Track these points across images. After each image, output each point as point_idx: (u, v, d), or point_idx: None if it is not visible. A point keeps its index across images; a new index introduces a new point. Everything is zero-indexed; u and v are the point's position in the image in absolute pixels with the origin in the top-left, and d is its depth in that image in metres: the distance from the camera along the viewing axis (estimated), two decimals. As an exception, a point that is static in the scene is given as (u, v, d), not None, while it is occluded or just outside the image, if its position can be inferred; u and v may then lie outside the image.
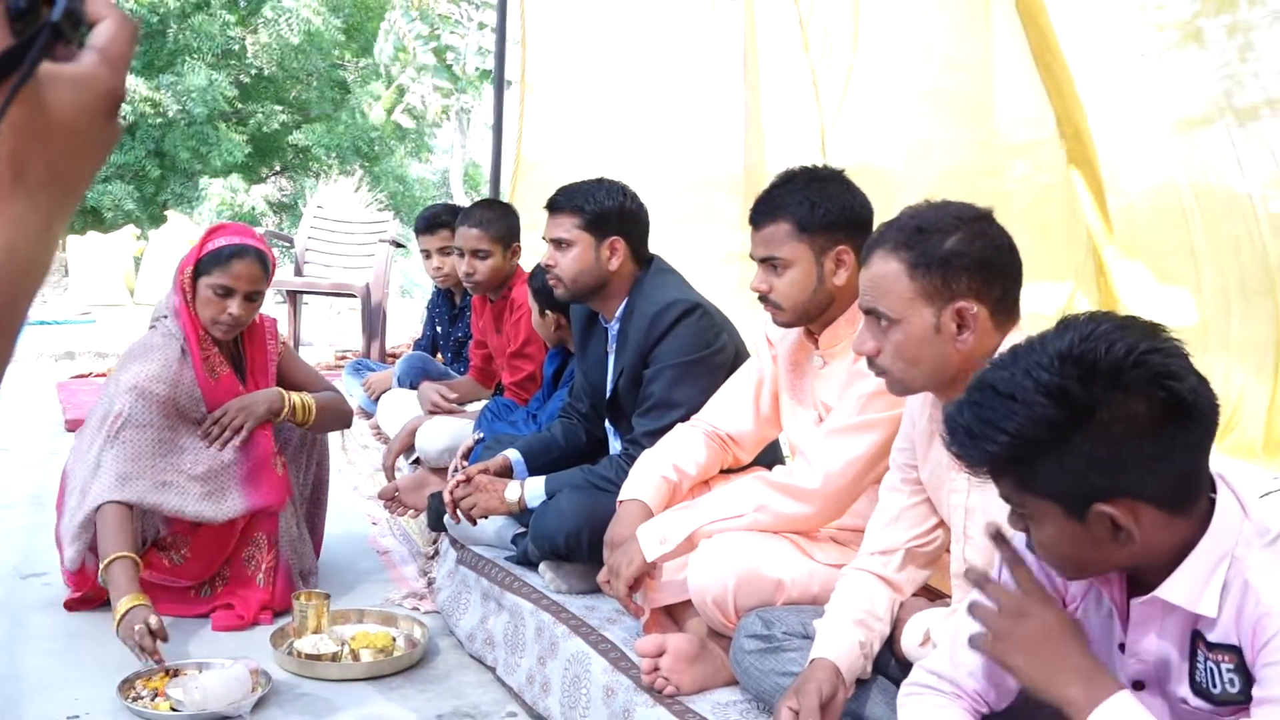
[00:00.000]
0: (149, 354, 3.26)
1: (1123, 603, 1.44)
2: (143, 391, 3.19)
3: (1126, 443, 1.31)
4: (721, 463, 2.68)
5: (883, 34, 3.92)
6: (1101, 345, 1.31)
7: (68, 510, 3.19)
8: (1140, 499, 1.32)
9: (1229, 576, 1.34)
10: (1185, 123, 2.99)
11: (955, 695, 1.59)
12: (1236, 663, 1.33)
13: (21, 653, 3.07)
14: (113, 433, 3.14)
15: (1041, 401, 1.32)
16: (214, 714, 2.66)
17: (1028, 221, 3.36)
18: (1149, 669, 1.44)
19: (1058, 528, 1.37)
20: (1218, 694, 1.36)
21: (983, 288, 1.86)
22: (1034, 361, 1.34)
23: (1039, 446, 1.33)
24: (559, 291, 3.05)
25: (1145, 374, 1.30)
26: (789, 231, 2.37)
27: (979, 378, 1.41)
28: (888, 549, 2.07)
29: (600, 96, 5.77)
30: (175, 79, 16.68)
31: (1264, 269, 2.88)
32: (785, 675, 2.05)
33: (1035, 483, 1.36)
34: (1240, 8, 2.79)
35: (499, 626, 2.96)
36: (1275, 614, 1.28)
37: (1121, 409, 1.30)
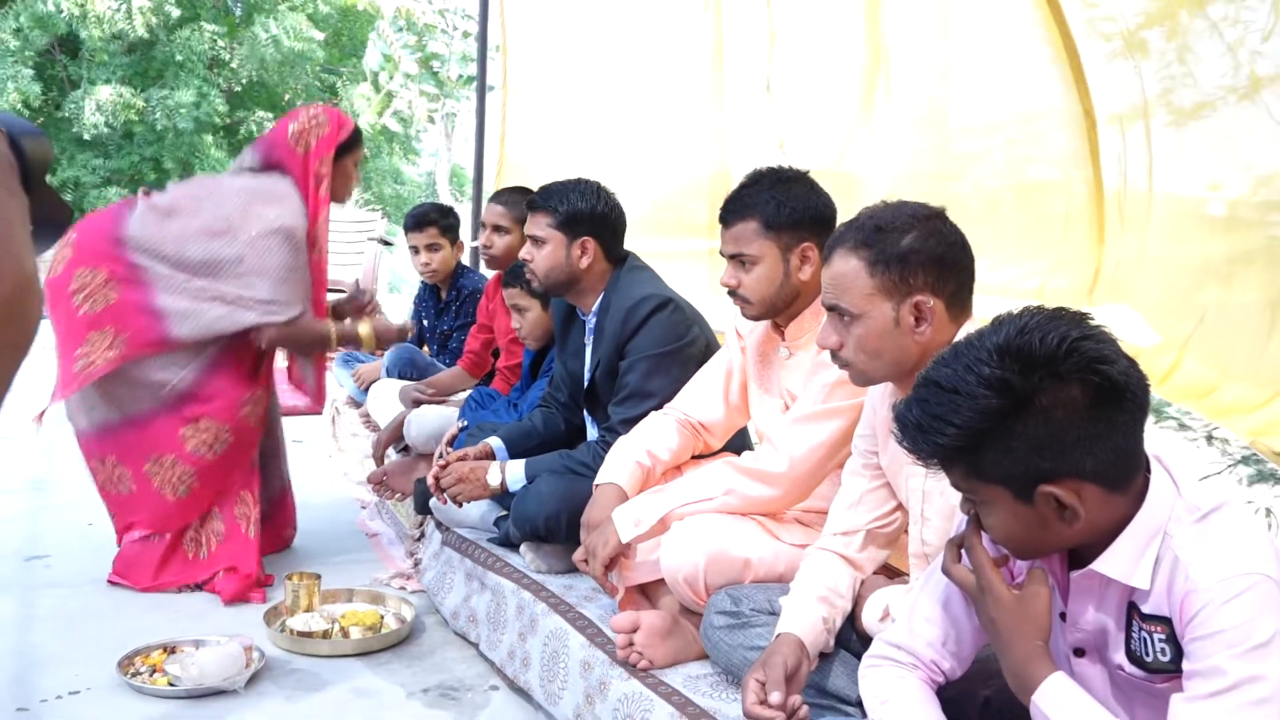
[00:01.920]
0: (288, 202, 3.45)
1: (1063, 576, 1.45)
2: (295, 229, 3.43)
3: (1066, 426, 1.32)
4: (693, 449, 2.68)
5: (847, 45, 3.91)
6: (1036, 336, 1.33)
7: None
8: (1082, 478, 1.33)
9: (1161, 551, 1.35)
10: (1118, 117, 3.01)
11: (913, 666, 1.59)
12: (1168, 634, 1.34)
13: (26, 632, 3.04)
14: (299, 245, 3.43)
15: (984, 393, 1.33)
16: (209, 689, 2.65)
17: (982, 223, 3.38)
18: (1088, 637, 1.45)
19: (1008, 511, 1.38)
20: (1150, 662, 1.37)
21: (938, 282, 1.86)
22: (974, 357, 1.35)
23: (984, 436, 1.34)
24: (534, 285, 3.07)
25: (1079, 361, 1.31)
26: (756, 229, 2.37)
27: (923, 376, 1.42)
28: (849, 530, 2.07)
29: (579, 100, 5.75)
30: (166, 93, 16.54)
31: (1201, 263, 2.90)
32: (753, 649, 2.06)
33: (983, 470, 1.37)
34: (1180, 17, 2.80)
35: (482, 605, 2.95)
36: (1200, 590, 1.29)
37: (1059, 395, 1.31)
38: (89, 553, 3.69)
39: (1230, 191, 2.85)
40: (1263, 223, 2.78)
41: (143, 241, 3.31)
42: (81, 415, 3.43)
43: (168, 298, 3.31)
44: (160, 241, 3.32)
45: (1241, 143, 2.77)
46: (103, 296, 3.28)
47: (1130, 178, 3.07)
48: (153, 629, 2.99)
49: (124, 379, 3.32)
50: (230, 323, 3.34)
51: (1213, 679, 1.26)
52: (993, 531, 1.43)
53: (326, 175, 3.52)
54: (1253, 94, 2.73)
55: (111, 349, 3.28)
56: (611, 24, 5.40)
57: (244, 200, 3.39)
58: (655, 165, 5.08)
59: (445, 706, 2.69)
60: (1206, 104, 2.86)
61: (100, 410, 3.39)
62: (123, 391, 3.35)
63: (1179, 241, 2.99)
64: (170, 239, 3.32)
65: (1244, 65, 2.71)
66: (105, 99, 16.06)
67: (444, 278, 4.90)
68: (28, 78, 15.79)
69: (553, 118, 6.05)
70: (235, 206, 3.37)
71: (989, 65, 3.40)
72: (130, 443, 3.37)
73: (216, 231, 3.34)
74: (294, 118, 3.61)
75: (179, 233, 3.33)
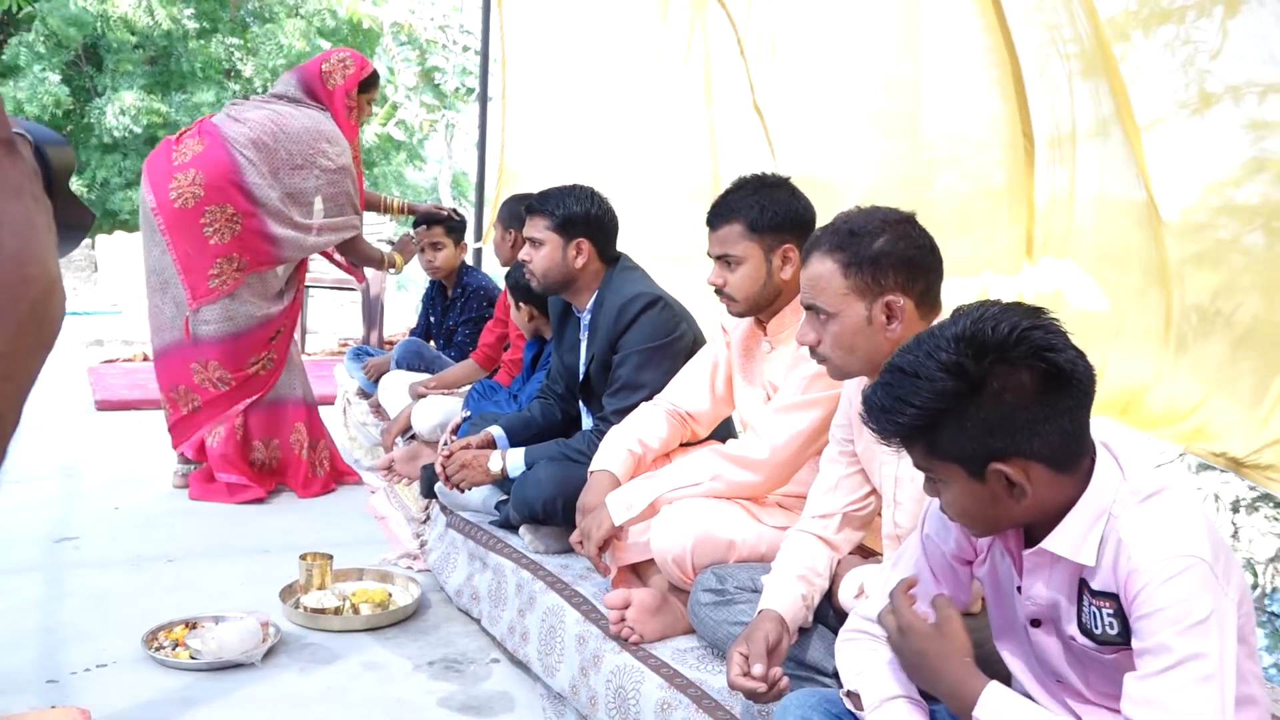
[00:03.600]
0: (340, 141, 4.10)
1: (1018, 553, 1.47)
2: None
3: (1015, 408, 1.33)
4: (681, 437, 2.68)
5: (827, 57, 3.91)
6: (989, 325, 1.34)
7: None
8: (1030, 458, 1.34)
9: (1106, 532, 1.36)
10: (1088, 134, 3.02)
11: (885, 639, 1.60)
12: (1115, 609, 1.35)
13: (55, 609, 3.04)
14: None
15: (940, 376, 1.34)
16: (228, 662, 2.65)
17: (954, 227, 3.39)
18: (1043, 610, 1.46)
19: (962, 488, 1.39)
20: (1099, 634, 1.38)
21: (908, 283, 1.87)
22: (934, 344, 1.37)
23: (941, 416, 1.35)
24: (533, 284, 3.06)
25: (1027, 348, 1.33)
26: (741, 232, 2.37)
27: (889, 362, 1.43)
28: (827, 513, 2.08)
29: (574, 111, 5.74)
30: (185, 96, 16.49)
31: (1159, 265, 2.91)
32: (736, 624, 2.07)
33: (940, 449, 1.38)
34: (1134, 38, 2.81)
35: (484, 583, 2.96)
36: (1142, 570, 1.30)
37: (1009, 379, 1.33)
38: (116, 535, 3.70)
39: (1184, 199, 2.86)
40: (1212, 225, 2.80)
41: (255, 181, 3.90)
42: (202, 325, 3.99)
43: (278, 228, 3.96)
44: (264, 182, 3.91)
45: (1193, 154, 2.78)
46: (229, 229, 3.91)
47: (1087, 186, 3.08)
48: (175, 606, 3.00)
49: (239, 300, 3.99)
50: (319, 245, 4.12)
51: (1160, 656, 1.26)
52: (949, 508, 1.44)
53: (354, 107, 4.16)
54: (1203, 109, 2.74)
55: (239, 270, 3.96)
56: (605, 39, 5.39)
57: (310, 138, 4.01)
58: (647, 168, 5.08)
59: (449, 678, 2.69)
60: (1160, 119, 2.87)
61: (214, 325, 3.99)
62: (236, 309, 4.00)
63: (1132, 244, 3.00)
64: (269, 176, 3.92)
65: (1194, 83, 2.72)
66: (129, 104, 16.02)
67: (448, 275, 4.89)
68: (55, 82, 15.75)
69: (549, 127, 6.04)
70: (306, 144, 4.00)
71: (955, 82, 3.41)
72: (232, 349, 4.03)
73: (296, 166, 3.98)
74: (325, 59, 4.22)
75: (271, 168, 3.94)
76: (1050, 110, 3.12)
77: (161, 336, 4.08)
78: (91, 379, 6.74)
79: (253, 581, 3.25)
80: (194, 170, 3.90)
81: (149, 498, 4.14)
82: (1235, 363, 2.62)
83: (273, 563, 3.40)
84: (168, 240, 3.95)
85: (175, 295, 3.99)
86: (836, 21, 3.81)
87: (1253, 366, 2.58)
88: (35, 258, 0.58)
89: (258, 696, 2.54)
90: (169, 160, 3.96)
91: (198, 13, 16.95)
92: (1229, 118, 2.69)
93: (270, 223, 3.94)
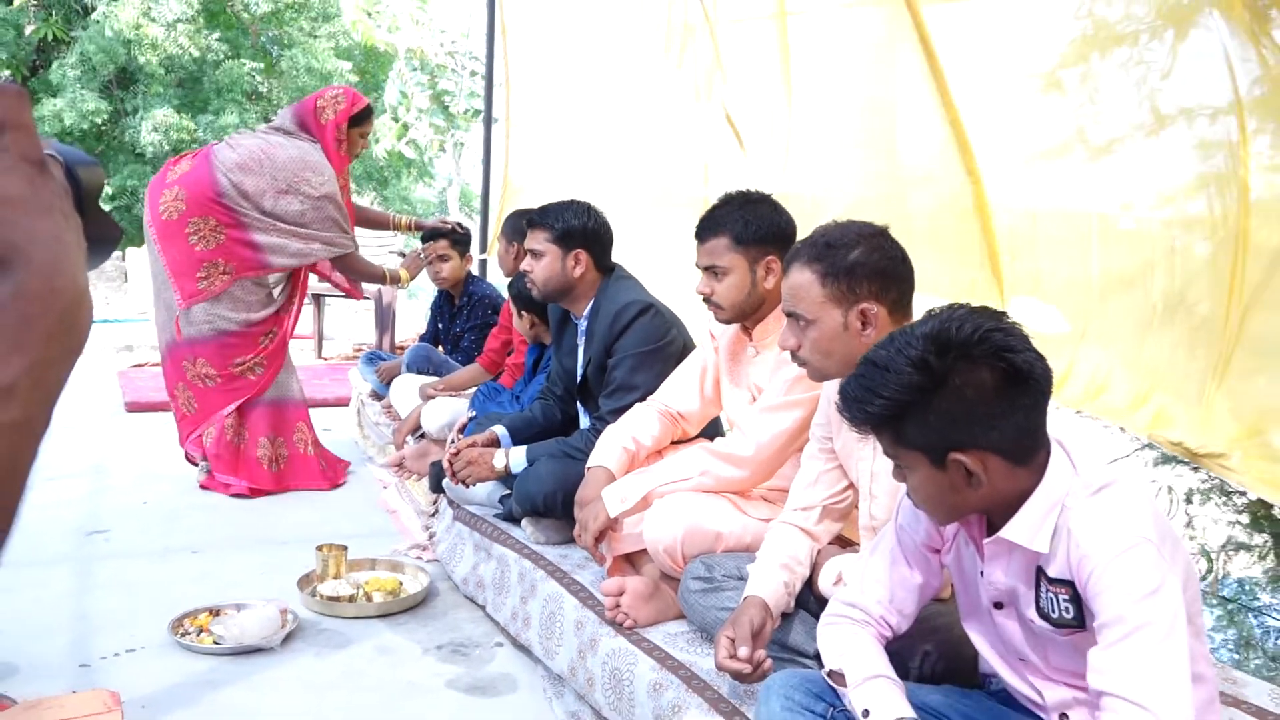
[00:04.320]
0: (325, 171, 4.08)
1: (980, 541, 1.48)
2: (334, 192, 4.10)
3: (975, 403, 1.34)
4: (672, 435, 2.68)
5: (812, 82, 3.92)
6: (954, 325, 1.36)
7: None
8: (988, 450, 1.36)
9: (1059, 523, 1.37)
10: (1047, 154, 3.02)
11: (865, 622, 1.60)
12: (1071, 594, 1.36)
13: (87, 598, 3.04)
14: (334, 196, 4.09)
15: (907, 370, 1.36)
16: (250, 647, 2.65)
17: (927, 242, 3.39)
18: (1003, 594, 1.47)
19: (925, 475, 1.40)
20: (1055, 618, 1.39)
21: (881, 291, 1.87)
22: (904, 342, 1.39)
23: (907, 408, 1.37)
24: (534, 293, 3.06)
25: (988, 348, 1.34)
26: (727, 244, 2.37)
27: (864, 357, 1.45)
28: (808, 506, 2.08)
29: (572, 130, 5.75)
30: (212, 117, 16.50)
31: (1119, 275, 2.92)
32: (723, 610, 2.07)
33: (906, 438, 1.39)
34: (1092, 60, 2.82)
35: (488, 572, 2.96)
36: (1091, 556, 1.31)
37: (970, 376, 1.34)
38: (144, 528, 3.69)
39: (1139, 210, 2.88)
40: (1165, 235, 2.81)
41: (234, 194, 3.94)
42: (190, 326, 4.03)
43: (262, 236, 4.00)
44: (245, 194, 3.95)
45: (1148, 168, 2.79)
46: (214, 237, 3.97)
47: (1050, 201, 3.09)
48: (200, 594, 2.99)
49: (226, 302, 4.02)
50: (307, 253, 4.09)
51: (1116, 627, 1.28)
52: (914, 493, 1.46)
53: (344, 140, 4.14)
54: (1156, 128, 2.75)
55: (226, 274, 4.00)
56: (601, 63, 5.40)
57: (296, 167, 4.01)
58: (640, 185, 5.09)
59: (456, 661, 2.69)
60: (1118, 139, 2.89)
61: (201, 325, 4.02)
62: (222, 311, 4.03)
63: (1089, 253, 3.01)
64: (252, 192, 3.95)
65: (1146, 101, 2.73)
66: (160, 120, 16.05)
67: (455, 285, 4.89)
68: (93, 100, 15.76)
69: (549, 146, 6.04)
70: (291, 171, 4.00)
71: (925, 104, 3.41)
72: (217, 348, 4.05)
73: (281, 190, 3.99)
74: (321, 95, 4.22)
75: (255, 187, 3.96)
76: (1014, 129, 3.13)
77: (160, 337, 4.19)
78: (121, 382, 6.73)
79: (272, 571, 3.25)
80: (178, 188, 4.00)
81: (175, 493, 4.13)
82: (1189, 360, 2.63)
83: (291, 554, 3.40)
84: (159, 248, 4.05)
85: (167, 298, 4.08)
86: (819, 44, 3.81)
87: (1200, 368, 2.59)
88: (63, 271, 0.58)
89: (277, 679, 2.54)
90: (163, 179, 4.09)
91: (224, 38, 16.95)
92: (1181, 137, 2.70)
93: (253, 232, 3.99)
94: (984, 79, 3.14)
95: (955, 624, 1.64)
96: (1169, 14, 2.65)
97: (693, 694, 1.94)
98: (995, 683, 1.60)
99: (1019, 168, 3.15)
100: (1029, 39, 3.04)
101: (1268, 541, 3.77)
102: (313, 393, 6.32)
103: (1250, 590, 4.06)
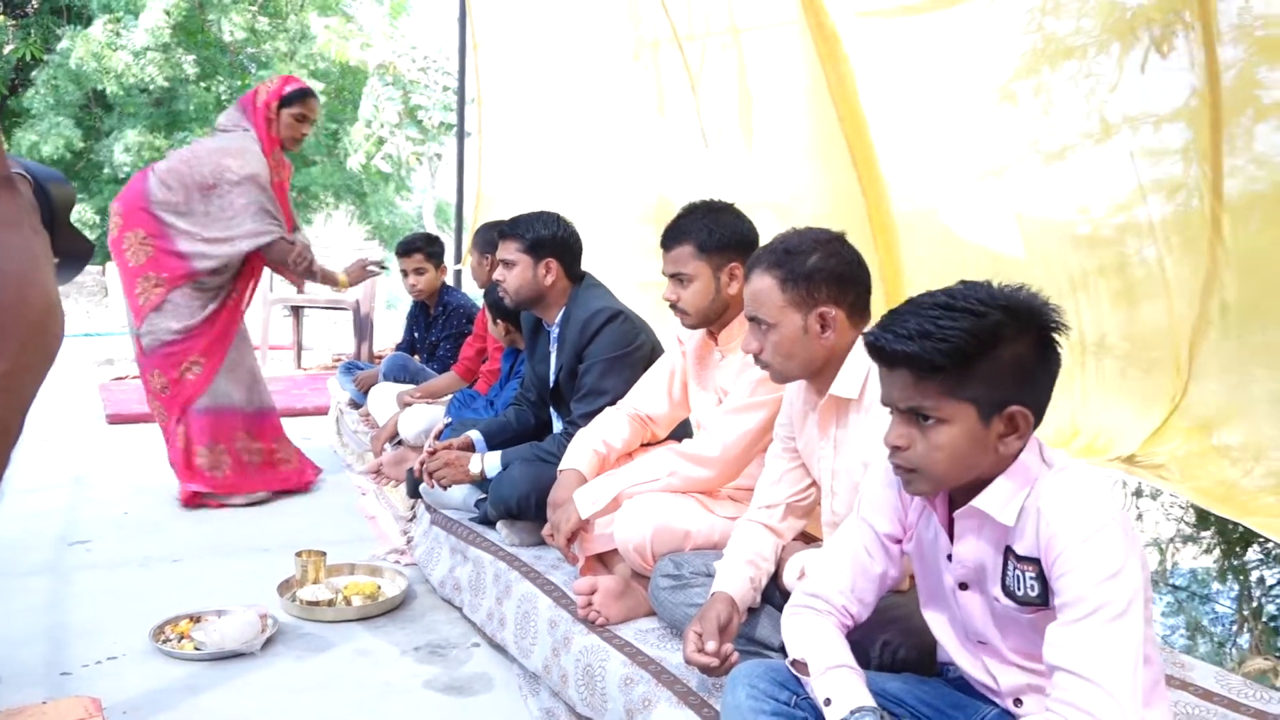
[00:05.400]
0: (247, 154, 3.92)
1: (946, 519, 1.50)
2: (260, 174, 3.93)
3: (1035, 363, 1.37)
4: (642, 438, 2.70)
5: (771, 95, 3.94)
6: (1023, 293, 1.39)
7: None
8: (1032, 410, 1.38)
9: (1027, 501, 1.39)
10: (1003, 166, 3.06)
11: (828, 612, 1.62)
12: (1037, 572, 1.39)
13: (67, 607, 3.01)
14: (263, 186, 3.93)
15: (993, 312, 1.35)
16: (230, 652, 2.64)
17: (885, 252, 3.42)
18: (970, 572, 1.49)
19: (964, 430, 1.38)
20: (1021, 595, 1.41)
21: (839, 295, 1.90)
22: (977, 295, 1.38)
23: (983, 348, 1.35)
24: (507, 301, 3.07)
25: (1046, 320, 1.38)
26: (692, 252, 2.39)
27: (921, 300, 1.40)
28: (772, 504, 2.10)
29: (542, 143, 5.76)
30: (185, 135, 16.38)
31: (1069, 278, 2.95)
32: (692, 606, 2.08)
33: (963, 385, 1.36)
34: (1043, 73, 2.86)
35: (465, 574, 2.95)
36: (1060, 535, 1.33)
37: (1032, 339, 1.37)
38: (125, 538, 3.66)
39: (1094, 215, 2.92)
40: (1119, 240, 2.85)
41: (161, 205, 3.89)
42: (144, 339, 3.97)
43: (186, 244, 3.91)
44: (173, 203, 3.89)
45: (1099, 176, 2.83)
46: (144, 250, 3.91)
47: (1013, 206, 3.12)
48: (180, 602, 2.97)
49: (168, 311, 3.93)
50: (233, 253, 3.94)
51: (1077, 606, 1.30)
52: (937, 451, 1.40)
53: (273, 120, 3.97)
54: (1105, 137, 2.80)
55: (159, 286, 3.92)
56: (569, 78, 5.42)
57: (216, 157, 3.91)
58: (607, 195, 5.10)
59: (434, 662, 2.69)
60: (1070, 147, 2.93)
61: (152, 335, 3.95)
62: (164, 322, 3.93)
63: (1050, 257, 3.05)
64: (179, 200, 3.89)
65: (1095, 112, 2.77)
66: (132, 141, 15.88)
67: (430, 295, 4.90)
68: (69, 125, 15.59)
69: (520, 158, 6.06)
70: (211, 163, 3.90)
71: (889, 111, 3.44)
72: (164, 356, 3.96)
73: (208, 186, 3.90)
74: (262, 84, 4.11)
75: (187, 194, 3.89)
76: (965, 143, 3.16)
77: (133, 355, 4.15)
78: (102, 395, 6.66)
79: (252, 578, 3.23)
80: (118, 204, 3.99)
81: (156, 504, 4.09)
82: (1135, 365, 2.67)
83: (271, 560, 3.38)
84: (117, 267, 4.06)
85: (128, 317, 4.06)
86: (769, 60, 3.84)
87: (1145, 370, 2.63)
88: (34, 282, 0.59)
89: (258, 683, 2.52)
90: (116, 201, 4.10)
91: (199, 59, 16.82)
92: (1127, 145, 2.74)
93: (178, 240, 3.90)
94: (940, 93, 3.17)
95: (914, 614, 1.66)
96: (1114, 28, 2.69)
97: (662, 688, 1.94)
98: (952, 670, 1.62)
99: (971, 181, 3.18)
100: (983, 53, 3.08)
101: (1215, 535, 3.84)
102: (292, 402, 6.31)
103: (1203, 580, 4.12)
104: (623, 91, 4.90)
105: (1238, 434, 2.58)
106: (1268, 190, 2.43)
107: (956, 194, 3.24)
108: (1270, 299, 2.46)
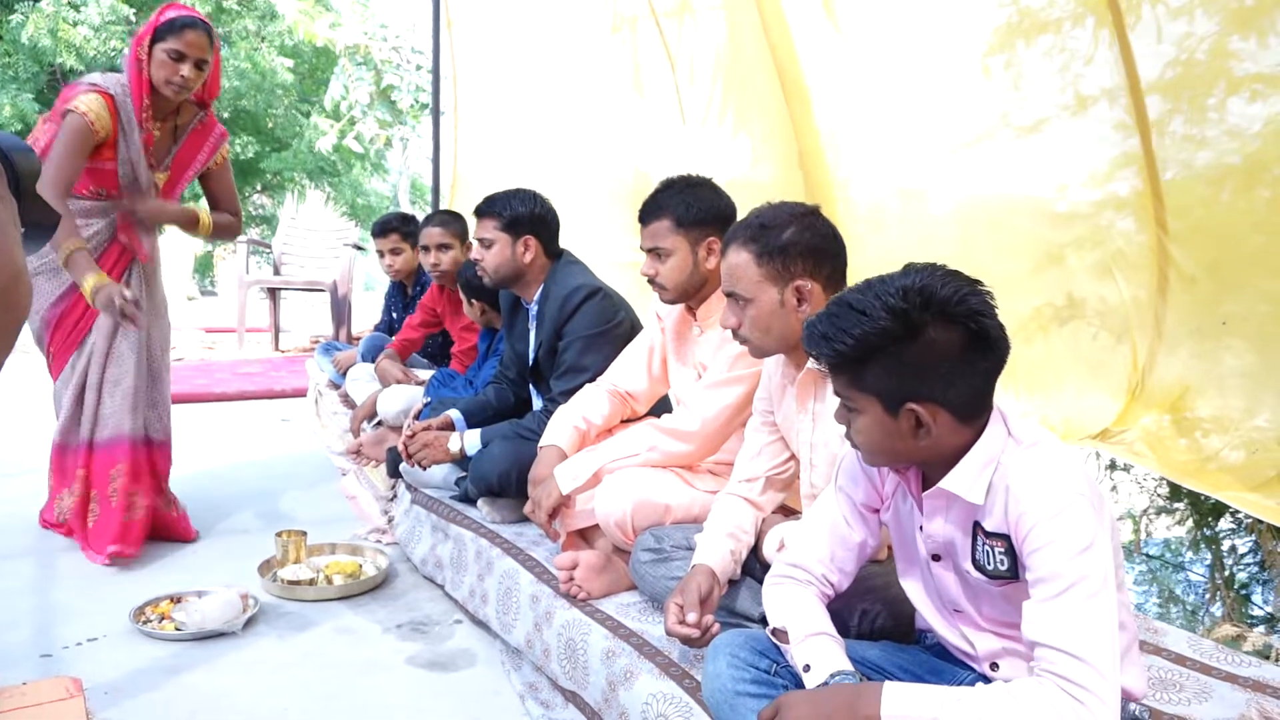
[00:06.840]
0: (82, 91, 3.10)
1: (919, 495, 1.51)
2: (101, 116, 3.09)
3: (942, 359, 1.36)
4: (622, 414, 2.70)
5: (746, 73, 3.94)
6: (937, 283, 1.37)
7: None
8: (941, 405, 1.38)
9: (994, 479, 1.40)
10: (975, 140, 3.07)
11: (808, 582, 1.63)
12: (1006, 548, 1.40)
13: (47, 590, 2.99)
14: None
15: (884, 317, 1.37)
16: (212, 632, 2.63)
17: (868, 223, 3.43)
18: (941, 547, 1.50)
19: (874, 419, 1.42)
20: (990, 569, 1.43)
21: (815, 268, 1.90)
22: (883, 289, 1.39)
23: (874, 352, 1.38)
24: (485, 280, 3.06)
25: (965, 310, 1.36)
26: (669, 227, 2.39)
27: (838, 298, 1.44)
28: (752, 477, 2.11)
29: (519, 121, 5.73)
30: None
31: (1045, 252, 2.97)
32: (673, 579, 2.09)
33: (864, 381, 1.41)
34: (1017, 48, 2.87)
35: (446, 552, 2.96)
36: (1030, 512, 1.35)
37: (943, 333, 1.36)
38: (103, 520, 3.63)
39: (1072, 191, 2.93)
40: (1096, 214, 2.87)
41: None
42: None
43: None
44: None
45: (1076, 150, 2.85)
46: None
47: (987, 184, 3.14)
48: (161, 584, 2.96)
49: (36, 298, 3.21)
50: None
51: (1052, 582, 1.31)
52: (857, 435, 1.46)
53: (144, 60, 3.14)
54: (1080, 110, 2.81)
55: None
56: (545, 55, 5.38)
57: (60, 105, 3.13)
58: (584, 172, 5.09)
59: (416, 639, 2.69)
60: (1045, 120, 2.94)
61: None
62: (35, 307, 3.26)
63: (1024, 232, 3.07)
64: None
65: (1070, 86, 2.79)
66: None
67: (406, 275, 4.88)
68: (29, 98, 15.31)
69: (496, 136, 6.02)
70: (59, 113, 3.12)
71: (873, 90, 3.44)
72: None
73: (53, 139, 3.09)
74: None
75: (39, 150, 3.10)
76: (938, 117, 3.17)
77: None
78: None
79: (233, 558, 3.22)
80: None
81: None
82: (1105, 336, 2.69)
83: (252, 541, 3.37)
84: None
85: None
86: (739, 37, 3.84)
87: (1116, 340, 2.66)
88: (1, 249, 0.58)
89: (240, 662, 2.52)
90: None
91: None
92: (1103, 117, 2.76)
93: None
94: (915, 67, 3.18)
95: (892, 584, 1.68)
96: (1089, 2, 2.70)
97: (644, 660, 1.96)
98: (930, 637, 1.64)
99: (946, 155, 3.19)
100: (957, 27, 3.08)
101: (1187, 506, 3.89)
102: (270, 384, 6.27)
103: (1176, 550, 4.18)
104: (600, 68, 4.88)
105: (1208, 407, 2.62)
106: (1239, 163, 2.45)
107: (929, 169, 3.25)
108: (1234, 271, 2.49)
